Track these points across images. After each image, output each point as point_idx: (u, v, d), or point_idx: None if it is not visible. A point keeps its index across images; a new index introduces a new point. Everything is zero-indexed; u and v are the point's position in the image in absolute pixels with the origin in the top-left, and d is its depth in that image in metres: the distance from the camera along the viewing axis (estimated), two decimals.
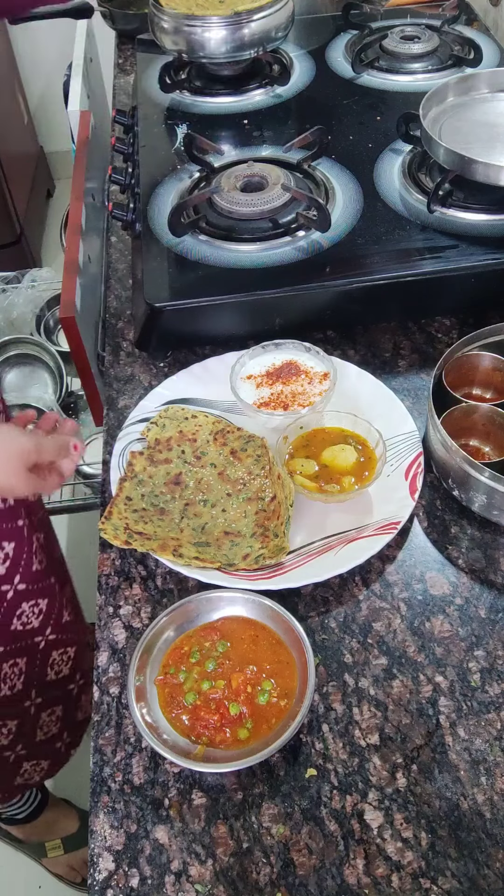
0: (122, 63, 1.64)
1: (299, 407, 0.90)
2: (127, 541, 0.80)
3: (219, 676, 0.72)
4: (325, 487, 0.83)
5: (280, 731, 0.67)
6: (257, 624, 0.75)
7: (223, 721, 0.69)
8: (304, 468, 0.85)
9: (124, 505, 0.85)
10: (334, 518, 0.83)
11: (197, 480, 0.88)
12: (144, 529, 0.82)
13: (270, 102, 1.31)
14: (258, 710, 0.70)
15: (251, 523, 0.84)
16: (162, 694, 0.71)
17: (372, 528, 0.81)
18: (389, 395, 0.92)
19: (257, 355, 0.96)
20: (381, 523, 0.81)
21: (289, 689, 0.71)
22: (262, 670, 0.72)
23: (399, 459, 0.86)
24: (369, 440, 0.86)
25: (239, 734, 0.69)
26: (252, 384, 0.94)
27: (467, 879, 0.62)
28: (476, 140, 1.07)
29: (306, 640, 0.72)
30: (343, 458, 0.85)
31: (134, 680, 0.71)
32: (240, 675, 0.71)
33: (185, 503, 0.86)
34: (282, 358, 0.95)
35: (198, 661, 0.73)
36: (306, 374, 0.93)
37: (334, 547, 0.80)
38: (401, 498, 0.83)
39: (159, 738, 0.68)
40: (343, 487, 0.83)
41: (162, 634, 0.74)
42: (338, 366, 0.94)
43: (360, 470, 0.84)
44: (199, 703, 0.70)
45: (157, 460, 0.89)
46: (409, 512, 0.81)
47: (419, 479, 0.83)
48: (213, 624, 0.76)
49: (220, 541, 0.82)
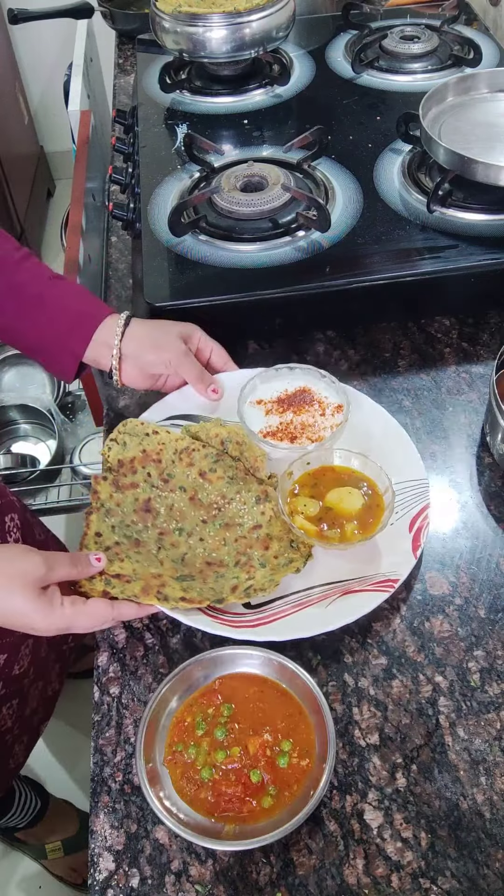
0: (122, 63, 1.64)
1: (307, 441, 0.85)
2: (105, 590, 0.73)
3: (232, 743, 0.67)
4: (325, 533, 0.77)
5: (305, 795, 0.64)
6: (258, 678, 0.71)
7: (246, 792, 0.65)
8: (306, 508, 0.79)
9: (94, 544, 0.78)
10: (332, 564, 0.78)
11: (168, 507, 0.82)
12: (122, 569, 0.75)
13: (270, 102, 1.31)
14: (280, 774, 0.66)
15: (233, 551, 0.78)
16: (174, 775, 0.67)
17: (369, 581, 0.76)
18: (402, 435, 0.87)
19: (270, 378, 0.91)
20: (379, 578, 0.76)
21: (307, 745, 0.67)
22: (277, 730, 0.68)
23: (405, 508, 0.81)
24: (378, 485, 0.80)
25: (263, 803, 0.65)
26: (261, 410, 0.89)
27: (467, 879, 0.62)
28: (476, 140, 1.07)
29: (316, 688, 0.68)
30: (349, 501, 0.79)
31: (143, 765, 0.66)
32: (256, 739, 0.67)
33: (159, 532, 0.80)
34: (295, 384, 0.91)
35: (205, 731, 0.68)
36: (319, 405, 0.88)
37: (328, 597, 0.75)
38: (403, 551, 0.78)
39: (180, 821, 0.63)
40: (345, 534, 0.77)
41: (166, 707, 0.70)
42: (350, 397, 0.89)
43: (366, 516, 0.78)
44: (217, 777, 0.66)
45: (123, 485, 0.83)
46: (409, 570, 0.76)
47: (424, 534, 0.78)
48: (211, 687, 0.71)
49: (205, 573, 0.77)
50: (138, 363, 0.90)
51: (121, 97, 1.56)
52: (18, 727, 1.15)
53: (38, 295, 0.89)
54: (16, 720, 1.13)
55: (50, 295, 0.90)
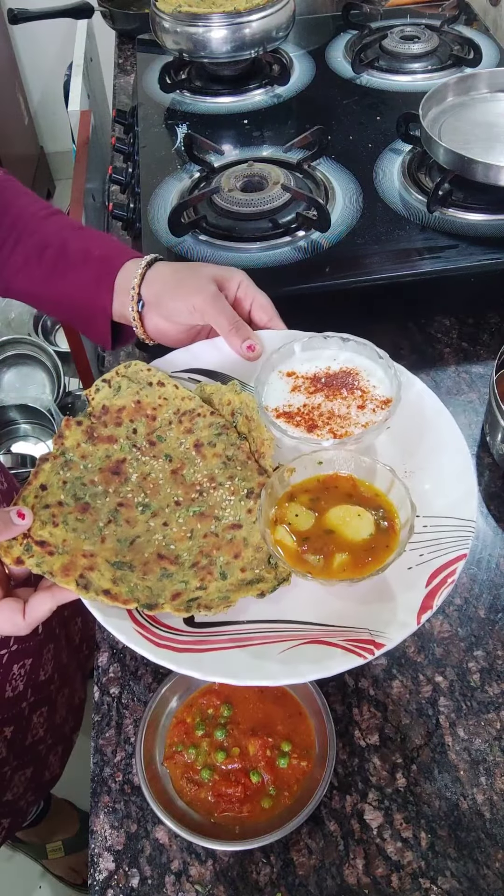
0: (122, 63, 1.64)
1: (329, 435, 0.67)
2: (20, 557, 0.60)
3: (232, 744, 0.67)
4: (307, 558, 0.59)
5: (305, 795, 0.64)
6: None
7: (246, 792, 0.65)
8: (297, 520, 0.61)
9: (35, 497, 0.64)
10: (307, 599, 0.60)
11: (142, 475, 0.68)
12: (51, 537, 0.61)
13: (270, 102, 1.31)
14: (280, 774, 0.66)
15: (195, 549, 0.63)
16: (174, 775, 0.67)
17: (346, 635, 0.58)
18: (461, 455, 0.66)
19: (313, 347, 0.74)
20: (361, 635, 0.57)
21: (307, 746, 0.67)
22: (276, 732, 0.68)
23: (435, 550, 0.61)
24: (401, 515, 0.61)
25: (263, 803, 0.65)
26: (287, 384, 0.72)
27: (467, 879, 0.62)
28: (476, 140, 1.07)
29: (317, 689, 0.68)
30: (355, 528, 0.60)
31: (143, 765, 0.66)
32: (256, 741, 0.67)
33: (118, 502, 0.66)
34: (343, 361, 0.74)
35: (205, 732, 0.68)
36: (362, 394, 0.71)
37: (286, 640, 0.58)
38: (406, 608, 0.58)
39: (181, 822, 0.64)
40: (329, 566, 0.59)
41: (166, 707, 0.70)
42: (413, 387, 0.73)
43: (366, 553, 0.59)
44: (217, 777, 0.66)
45: (99, 436, 0.69)
46: (403, 637, 0.57)
47: (442, 595, 0.58)
48: (211, 687, 0.70)
49: (150, 566, 0.62)
50: (162, 311, 0.76)
51: (121, 97, 1.56)
52: (51, 737, 1.15)
53: (62, 247, 0.78)
54: (48, 729, 1.13)
55: (74, 246, 0.78)
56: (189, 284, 0.74)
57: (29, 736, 1.09)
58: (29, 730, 1.08)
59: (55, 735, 1.16)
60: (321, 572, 0.58)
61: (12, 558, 0.60)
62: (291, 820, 0.63)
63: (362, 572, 0.58)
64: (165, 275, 0.76)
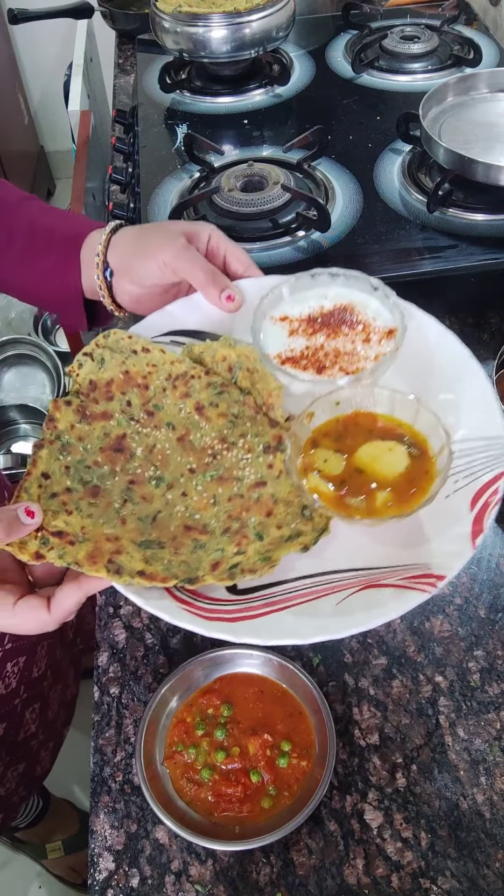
0: (122, 63, 1.64)
1: (341, 373, 0.64)
2: (38, 552, 0.55)
3: (232, 743, 0.68)
4: (347, 502, 0.56)
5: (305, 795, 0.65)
6: (258, 678, 0.71)
7: (246, 792, 0.66)
8: (327, 465, 0.58)
9: (38, 488, 0.59)
10: (354, 545, 0.58)
11: (148, 448, 0.64)
12: (67, 526, 0.57)
13: (270, 102, 1.31)
14: (280, 774, 0.66)
15: (222, 514, 0.59)
16: (174, 775, 0.67)
17: (403, 573, 0.55)
18: (476, 374, 0.65)
19: (302, 288, 0.70)
20: (419, 571, 0.55)
21: (307, 745, 0.67)
22: (277, 730, 0.68)
23: (469, 476, 0.59)
24: (431, 443, 0.59)
25: (263, 803, 0.65)
26: (283, 329, 0.68)
27: (467, 879, 0.62)
28: (476, 140, 1.07)
29: (317, 688, 0.68)
30: (388, 463, 0.58)
31: (143, 765, 0.66)
32: (256, 740, 0.67)
33: (129, 480, 0.62)
34: (336, 297, 0.69)
35: (205, 731, 0.68)
36: (364, 328, 0.67)
37: (340, 590, 0.55)
38: (457, 536, 0.56)
39: (181, 821, 0.64)
40: (374, 506, 0.56)
41: (166, 707, 0.70)
42: (413, 318, 0.68)
43: (408, 485, 0.57)
44: (217, 777, 0.66)
45: (92, 414, 0.64)
46: (462, 565, 0.55)
47: (490, 514, 0.56)
48: (211, 686, 0.71)
49: (179, 540, 0.58)
50: (131, 275, 0.71)
51: (121, 97, 1.56)
52: (43, 732, 1.15)
53: (30, 231, 0.74)
54: (40, 725, 1.13)
55: (41, 229, 0.74)
56: (156, 241, 0.70)
57: (21, 732, 1.09)
58: (21, 726, 1.09)
59: (47, 731, 1.16)
60: (368, 513, 0.56)
61: (30, 554, 0.55)
62: (291, 820, 0.63)
63: (411, 505, 0.55)
64: (130, 237, 0.72)
